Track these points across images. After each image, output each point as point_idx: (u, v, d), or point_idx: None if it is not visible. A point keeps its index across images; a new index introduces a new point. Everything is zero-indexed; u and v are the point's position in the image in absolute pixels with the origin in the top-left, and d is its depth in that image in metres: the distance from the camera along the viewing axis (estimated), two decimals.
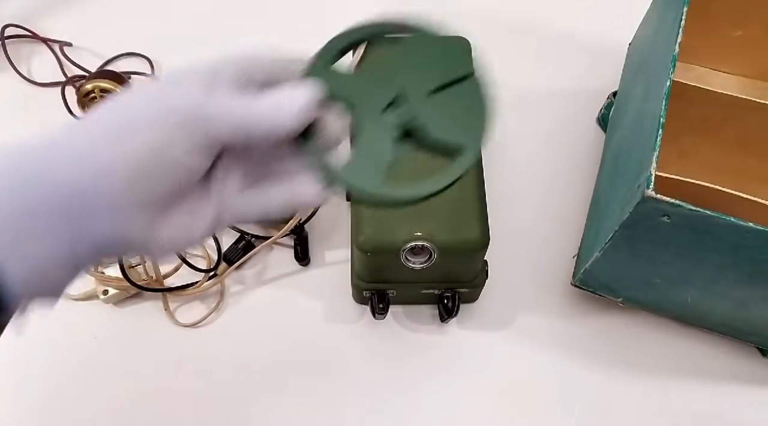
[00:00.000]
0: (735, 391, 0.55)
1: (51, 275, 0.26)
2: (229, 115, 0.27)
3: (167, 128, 0.26)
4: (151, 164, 0.26)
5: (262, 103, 0.28)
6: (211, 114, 0.27)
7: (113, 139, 0.26)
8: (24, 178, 0.25)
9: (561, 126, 0.69)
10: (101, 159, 0.26)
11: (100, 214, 0.26)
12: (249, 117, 0.27)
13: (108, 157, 0.26)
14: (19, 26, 0.73)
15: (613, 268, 0.50)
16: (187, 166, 0.27)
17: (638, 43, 0.64)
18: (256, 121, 0.28)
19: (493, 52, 0.68)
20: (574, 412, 0.54)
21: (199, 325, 0.57)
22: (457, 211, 0.49)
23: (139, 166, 0.26)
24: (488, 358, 0.56)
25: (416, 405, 0.54)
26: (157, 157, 0.26)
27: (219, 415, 0.54)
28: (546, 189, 0.65)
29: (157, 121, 0.26)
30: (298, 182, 0.31)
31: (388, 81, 0.30)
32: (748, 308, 0.48)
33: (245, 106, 0.28)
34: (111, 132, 0.26)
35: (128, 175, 0.26)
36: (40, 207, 0.25)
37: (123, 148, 0.26)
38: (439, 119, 0.30)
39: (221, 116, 0.27)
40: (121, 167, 0.26)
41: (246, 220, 0.32)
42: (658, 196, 0.38)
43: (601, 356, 0.56)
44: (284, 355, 0.56)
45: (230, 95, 0.28)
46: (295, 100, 0.28)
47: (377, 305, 0.54)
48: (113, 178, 0.26)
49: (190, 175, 0.28)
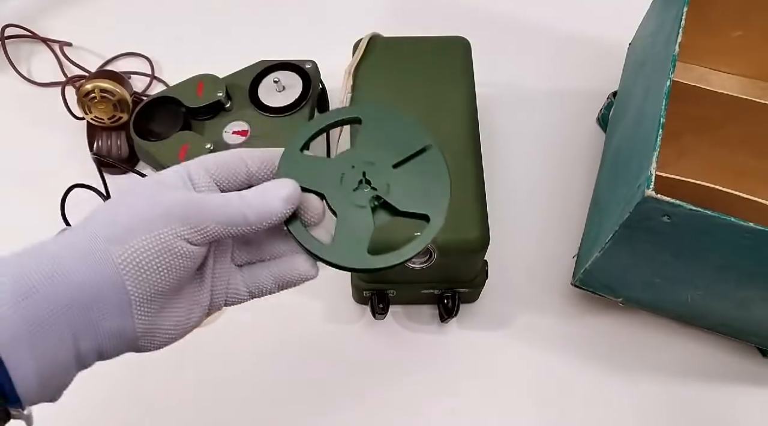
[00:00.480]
0: (735, 391, 0.55)
1: (54, 377, 0.27)
2: (225, 206, 0.29)
3: (171, 224, 0.28)
4: (158, 259, 0.28)
5: (254, 193, 0.30)
6: (208, 207, 0.29)
7: (120, 239, 0.28)
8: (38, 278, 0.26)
9: (561, 126, 0.69)
10: (112, 258, 0.27)
11: (108, 309, 0.27)
12: (242, 206, 0.30)
13: (118, 255, 0.27)
14: (19, 26, 0.73)
15: (613, 268, 0.50)
16: (188, 257, 0.29)
17: (638, 43, 0.64)
18: (247, 210, 0.30)
19: (493, 52, 0.69)
20: (574, 411, 0.54)
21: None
22: (457, 212, 0.49)
23: (147, 262, 0.28)
24: (488, 358, 0.56)
25: (416, 405, 0.54)
26: (162, 252, 0.28)
27: (219, 415, 0.54)
28: (546, 189, 0.65)
29: (160, 218, 0.28)
30: (289, 261, 0.34)
31: (355, 160, 0.33)
32: (748, 308, 0.48)
33: (237, 197, 0.30)
34: (117, 233, 0.28)
35: (137, 272, 0.28)
36: (49, 306, 0.26)
37: (131, 247, 0.27)
38: (405, 192, 0.33)
39: (218, 207, 0.29)
40: (131, 265, 0.27)
41: (240, 300, 0.35)
42: (658, 196, 0.38)
43: (601, 356, 0.56)
44: (284, 355, 0.56)
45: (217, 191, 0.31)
46: (281, 188, 0.31)
47: (377, 305, 0.54)
48: (123, 276, 0.27)
49: (191, 264, 0.29)
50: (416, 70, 0.56)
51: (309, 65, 0.61)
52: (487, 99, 0.67)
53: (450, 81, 0.55)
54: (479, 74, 0.56)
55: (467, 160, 0.51)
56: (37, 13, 0.76)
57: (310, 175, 0.32)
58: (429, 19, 0.77)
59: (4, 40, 0.71)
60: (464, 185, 0.50)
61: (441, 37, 0.58)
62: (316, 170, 0.33)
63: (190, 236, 0.29)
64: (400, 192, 0.33)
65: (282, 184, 0.31)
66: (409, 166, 0.33)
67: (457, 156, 0.51)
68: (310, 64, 0.61)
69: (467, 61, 0.57)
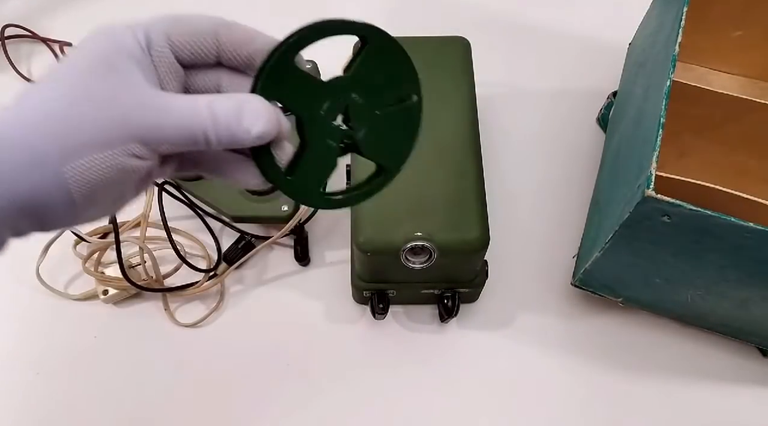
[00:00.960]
0: (735, 391, 0.55)
1: None
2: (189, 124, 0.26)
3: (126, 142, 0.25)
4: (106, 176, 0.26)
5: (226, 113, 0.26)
6: (170, 121, 0.26)
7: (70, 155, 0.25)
8: None
9: (561, 126, 0.69)
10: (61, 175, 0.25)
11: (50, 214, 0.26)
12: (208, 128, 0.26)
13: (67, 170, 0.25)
14: (19, 26, 0.73)
15: (613, 268, 0.50)
16: (136, 172, 0.27)
17: (638, 43, 0.64)
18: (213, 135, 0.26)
19: (493, 52, 0.69)
20: (574, 411, 0.54)
21: (199, 325, 0.57)
22: (457, 211, 0.49)
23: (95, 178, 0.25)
24: (488, 358, 0.56)
25: (416, 405, 0.54)
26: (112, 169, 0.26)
27: (219, 415, 0.54)
28: (546, 189, 0.65)
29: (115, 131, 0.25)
30: (237, 169, 0.30)
31: (344, 91, 0.30)
32: (748, 308, 0.48)
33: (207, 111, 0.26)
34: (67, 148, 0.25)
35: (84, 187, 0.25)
36: None
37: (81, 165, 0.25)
38: (375, 138, 0.31)
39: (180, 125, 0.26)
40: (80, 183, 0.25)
41: None
42: (658, 196, 0.38)
43: (600, 356, 0.56)
44: (284, 355, 0.56)
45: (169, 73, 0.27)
46: (259, 119, 0.27)
47: (377, 305, 0.54)
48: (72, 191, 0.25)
49: (137, 177, 0.27)
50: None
51: (309, 65, 0.61)
52: (487, 99, 0.67)
53: (450, 81, 0.55)
54: (479, 74, 0.56)
55: (467, 160, 0.51)
56: (37, 13, 0.76)
57: (293, 92, 0.29)
58: (429, 19, 0.76)
59: (4, 40, 0.71)
60: (464, 185, 0.50)
61: (441, 37, 0.58)
62: (302, 89, 0.29)
63: (142, 153, 0.26)
64: (373, 136, 0.31)
65: (261, 113, 0.27)
66: (390, 112, 0.31)
67: (457, 156, 0.51)
68: (310, 64, 0.61)
69: (467, 61, 0.56)
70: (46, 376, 0.55)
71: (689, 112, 0.54)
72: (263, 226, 0.61)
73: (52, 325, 0.57)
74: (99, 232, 0.59)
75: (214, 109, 0.26)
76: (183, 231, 0.60)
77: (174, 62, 0.28)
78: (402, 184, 0.50)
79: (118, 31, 0.27)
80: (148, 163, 0.27)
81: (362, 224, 0.49)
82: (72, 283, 0.59)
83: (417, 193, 0.49)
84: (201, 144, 0.27)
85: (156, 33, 0.28)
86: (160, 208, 0.55)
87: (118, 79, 0.26)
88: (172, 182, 0.58)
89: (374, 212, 0.49)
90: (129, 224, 0.60)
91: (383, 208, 0.49)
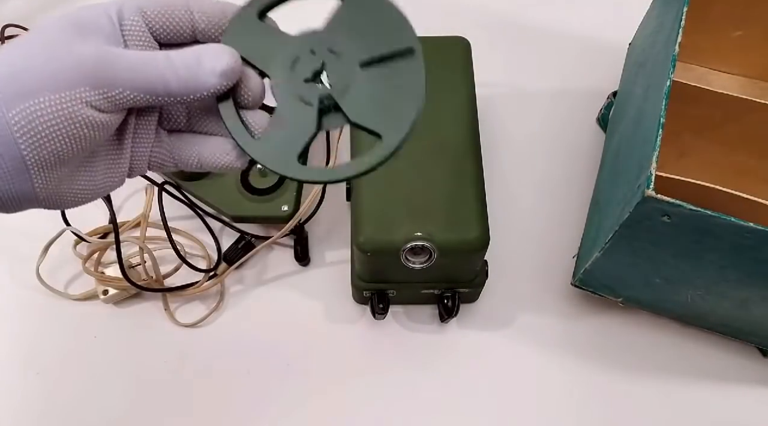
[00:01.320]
0: (735, 391, 0.55)
1: None
2: (144, 67, 0.25)
3: (76, 85, 0.24)
4: (58, 127, 0.24)
5: (184, 57, 0.26)
6: (123, 64, 0.25)
7: (14, 97, 0.24)
8: None
9: (561, 126, 0.69)
10: (5, 120, 0.24)
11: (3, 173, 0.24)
12: (165, 71, 0.25)
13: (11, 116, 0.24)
14: (19, 26, 0.73)
15: (613, 268, 0.50)
16: (96, 127, 0.25)
17: (638, 43, 0.64)
18: (171, 77, 0.25)
19: (493, 52, 0.69)
20: (574, 411, 0.54)
21: (199, 325, 0.57)
22: (457, 211, 0.49)
23: (45, 128, 0.24)
24: (488, 358, 0.56)
25: (416, 405, 0.54)
26: (64, 119, 0.24)
27: (219, 415, 0.54)
28: (546, 189, 0.65)
29: (65, 75, 0.24)
30: (216, 144, 0.29)
31: (319, 45, 0.27)
32: (748, 308, 0.48)
33: (164, 57, 0.25)
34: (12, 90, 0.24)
35: (34, 138, 0.24)
36: None
37: (27, 108, 0.24)
38: (366, 99, 0.27)
39: (135, 67, 0.25)
40: (27, 130, 0.24)
41: (164, 167, 0.30)
42: (658, 196, 0.38)
43: (600, 356, 0.56)
44: (284, 355, 0.56)
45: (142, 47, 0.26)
46: (219, 58, 0.26)
47: (377, 305, 0.54)
48: (17, 140, 0.24)
49: (100, 134, 0.26)
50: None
51: None
52: (487, 99, 0.67)
53: (450, 81, 0.55)
54: (479, 74, 0.56)
55: (467, 160, 0.51)
56: (37, 13, 0.76)
57: (259, 47, 0.27)
58: (429, 19, 0.76)
59: (4, 40, 0.71)
60: (464, 185, 0.50)
61: (441, 37, 0.58)
62: (269, 44, 0.27)
63: (97, 103, 0.25)
64: (360, 97, 0.27)
65: (221, 53, 0.26)
66: (381, 70, 0.27)
67: (457, 156, 0.51)
68: None
69: (467, 61, 0.56)
70: (46, 376, 0.55)
71: (689, 112, 0.54)
72: (263, 226, 0.61)
73: (52, 325, 0.57)
74: (99, 232, 0.59)
75: (170, 54, 0.26)
76: (183, 231, 0.60)
77: (147, 36, 0.27)
78: (402, 184, 0.50)
79: (92, 10, 0.27)
80: (108, 117, 0.26)
81: (362, 224, 0.49)
82: (72, 283, 0.59)
83: (417, 193, 0.49)
84: (159, 89, 0.25)
85: (128, 8, 0.27)
86: (160, 208, 0.55)
87: (80, 40, 0.25)
88: (172, 182, 0.58)
89: (374, 212, 0.49)
90: (129, 224, 0.60)
91: (383, 207, 0.49)
